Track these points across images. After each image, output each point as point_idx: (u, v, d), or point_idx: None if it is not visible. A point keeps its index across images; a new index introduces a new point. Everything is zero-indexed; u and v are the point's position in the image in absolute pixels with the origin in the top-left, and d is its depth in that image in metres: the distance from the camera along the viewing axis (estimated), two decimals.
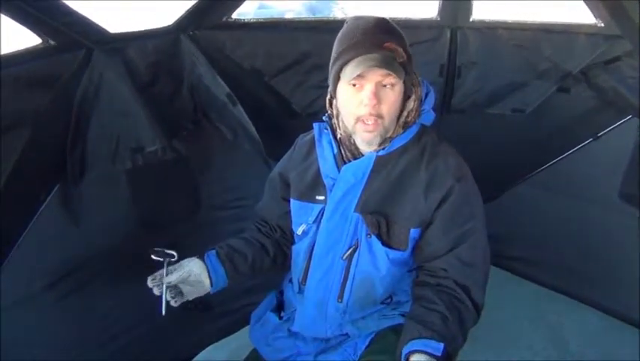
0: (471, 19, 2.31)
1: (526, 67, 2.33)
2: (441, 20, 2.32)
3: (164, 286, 1.43)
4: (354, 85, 1.32)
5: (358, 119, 1.33)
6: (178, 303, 1.47)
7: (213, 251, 1.56)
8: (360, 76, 1.29)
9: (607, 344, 2.41)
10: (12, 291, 1.66)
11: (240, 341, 2.27)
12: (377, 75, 1.29)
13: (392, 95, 1.32)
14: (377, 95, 1.30)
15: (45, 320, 1.80)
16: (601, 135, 2.36)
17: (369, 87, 1.30)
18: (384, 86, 1.31)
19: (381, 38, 1.29)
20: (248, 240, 1.63)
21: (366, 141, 1.37)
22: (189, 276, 1.48)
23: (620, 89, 2.15)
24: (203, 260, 1.52)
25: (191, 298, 1.50)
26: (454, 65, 2.38)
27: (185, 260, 1.51)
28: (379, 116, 1.32)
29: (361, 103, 1.31)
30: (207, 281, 1.51)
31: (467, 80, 2.40)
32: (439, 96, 2.38)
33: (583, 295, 2.64)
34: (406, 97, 1.38)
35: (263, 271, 1.65)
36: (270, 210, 1.70)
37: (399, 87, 1.33)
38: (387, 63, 1.27)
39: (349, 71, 1.29)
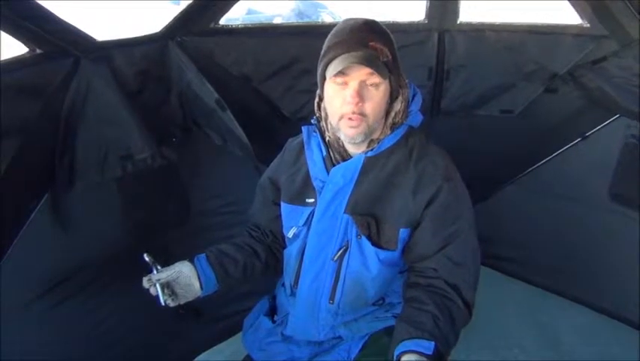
0: (458, 22, 2.33)
1: (513, 68, 2.35)
2: (428, 23, 2.33)
3: (157, 284, 1.42)
4: (339, 83, 1.32)
5: (342, 117, 1.34)
6: (175, 303, 1.47)
7: (203, 255, 1.55)
8: (344, 74, 1.30)
9: (599, 343, 2.42)
10: (3, 300, 1.65)
11: (233, 347, 2.27)
12: (361, 74, 1.30)
13: (376, 95, 1.33)
14: (360, 94, 1.31)
15: (36, 329, 1.79)
16: (589, 135, 2.38)
17: (352, 85, 1.31)
18: (370, 85, 1.32)
19: (367, 37, 1.30)
20: (239, 245, 1.63)
21: (349, 137, 1.36)
22: (179, 277, 1.48)
23: (606, 88, 2.16)
24: (194, 264, 1.52)
25: (182, 303, 1.49)
26: (443, 68, 2.39)
27: (176, 263, 1.51)
28: (362, 114, 1.32)
29: (345, 101, 1.32)
30: (197, 284, 1.50)
31: (456, 83, 2.42)
32: (428, 99, 2.41)
33: (573, 294, 2.66)
34: (392, 99, 1.39)
35: (255, 276, 1.64)
36: (261, 215, 1.70)
37: (384, 87, 1.34)
38: (370, 61, 1.28)
39: (332, 68, 1.30)
